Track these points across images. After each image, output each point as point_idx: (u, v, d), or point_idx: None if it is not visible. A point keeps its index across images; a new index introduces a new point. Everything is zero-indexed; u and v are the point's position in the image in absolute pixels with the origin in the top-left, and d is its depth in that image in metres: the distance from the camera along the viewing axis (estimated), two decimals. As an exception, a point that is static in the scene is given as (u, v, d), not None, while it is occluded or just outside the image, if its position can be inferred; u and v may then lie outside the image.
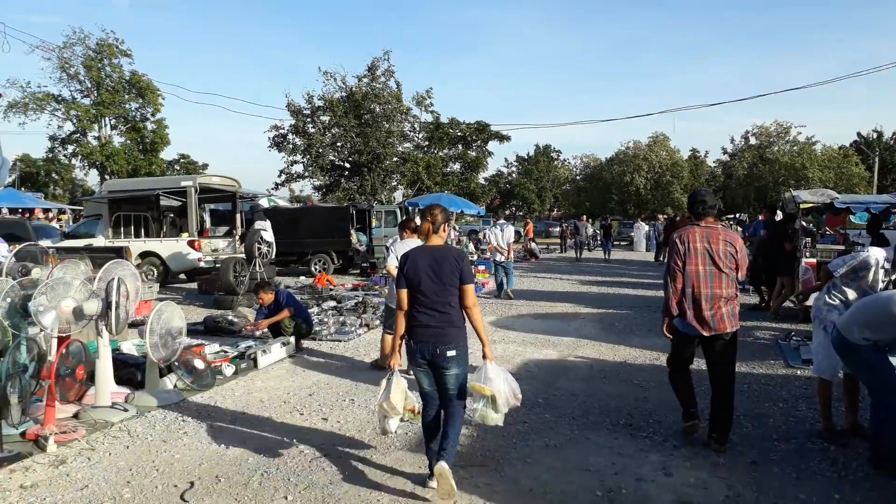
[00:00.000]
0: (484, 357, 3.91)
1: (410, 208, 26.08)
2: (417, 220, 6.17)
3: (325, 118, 31.74)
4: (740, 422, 5.19)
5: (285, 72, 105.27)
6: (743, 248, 4.66)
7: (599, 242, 28.53)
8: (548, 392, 6.13)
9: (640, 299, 12.98)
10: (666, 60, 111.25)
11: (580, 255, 25.87)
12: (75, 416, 5.26)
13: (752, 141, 48.69)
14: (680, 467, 4.28)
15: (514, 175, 57.42)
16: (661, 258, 23.73)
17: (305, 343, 8.28)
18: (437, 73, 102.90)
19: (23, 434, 4.75)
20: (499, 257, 13.30)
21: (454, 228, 22.73)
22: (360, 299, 11.48)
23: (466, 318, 3.91)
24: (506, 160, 61.35)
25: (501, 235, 13.40)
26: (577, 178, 58.87)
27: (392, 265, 7.04)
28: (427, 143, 39.52)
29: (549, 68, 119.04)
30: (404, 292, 3.91)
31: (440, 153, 40.61)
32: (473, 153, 42.56)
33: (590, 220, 32.00)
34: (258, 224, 13.04)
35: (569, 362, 7.49)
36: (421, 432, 4.21)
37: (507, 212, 55.40)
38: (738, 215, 41.44)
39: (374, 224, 21.17)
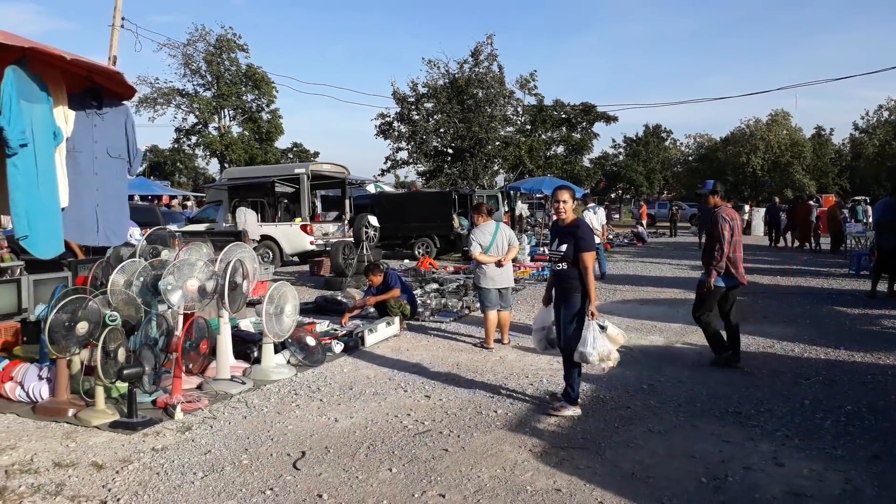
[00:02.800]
0: None
1: (512, 192, 26.04)
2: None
3: (429, 105, 32.06)
4: (862, 414, 4.89)
5: (393, 61, 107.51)
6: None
7: None
8: (653, 378, 6.00)
9: (752, 285, 12.32)
10: (787, 35, 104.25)
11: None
12: (199, 387, 5.68)
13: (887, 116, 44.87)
14: (792, 458, 4.09)
15: (620, 157, 55.71)
16: (777, 243, 22.40)
17: (409, 323, 8.50)
18: (542, 54, 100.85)
19: (153, 402, 5.18)
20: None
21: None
22: (462, 282, 11.62)
23: None
24: (613, 141, 59.40)
25: (595, 219, 13.34)
26: (690, 158, 56.31)
27: (477, 251, 7.14)
28: (530, 126, 39.15)
29: (660, 47, 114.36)
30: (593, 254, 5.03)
31: (543, 136, 40.12)
32: (578, 135, 41.76)
33: None
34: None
35: (676, 349, 7.28)
36: (520, 413, 5.02)
37: (614, 195, 53.96)
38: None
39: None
